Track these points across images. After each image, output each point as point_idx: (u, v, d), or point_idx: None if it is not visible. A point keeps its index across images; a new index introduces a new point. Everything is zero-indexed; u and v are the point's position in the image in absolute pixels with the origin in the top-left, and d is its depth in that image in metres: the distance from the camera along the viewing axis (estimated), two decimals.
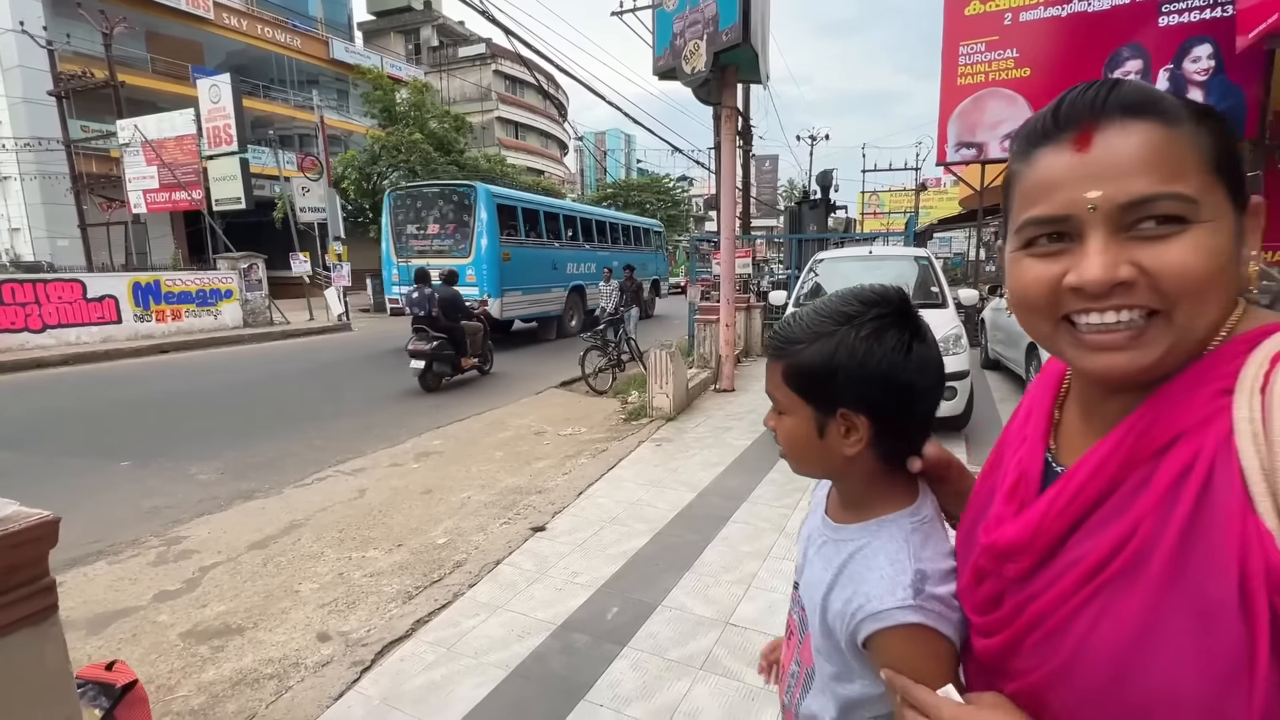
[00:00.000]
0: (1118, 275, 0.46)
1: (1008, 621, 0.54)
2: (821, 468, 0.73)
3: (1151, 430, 0.48)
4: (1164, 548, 0.44)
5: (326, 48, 27.58)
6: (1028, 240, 0.51)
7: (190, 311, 13.12)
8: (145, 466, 4.76)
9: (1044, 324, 0.52)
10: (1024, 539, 0.53)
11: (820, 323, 0.67)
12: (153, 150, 15.62)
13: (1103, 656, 0.46)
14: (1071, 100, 0.49)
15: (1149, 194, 0.45)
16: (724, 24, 5.90)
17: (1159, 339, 0.47)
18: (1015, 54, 8.95)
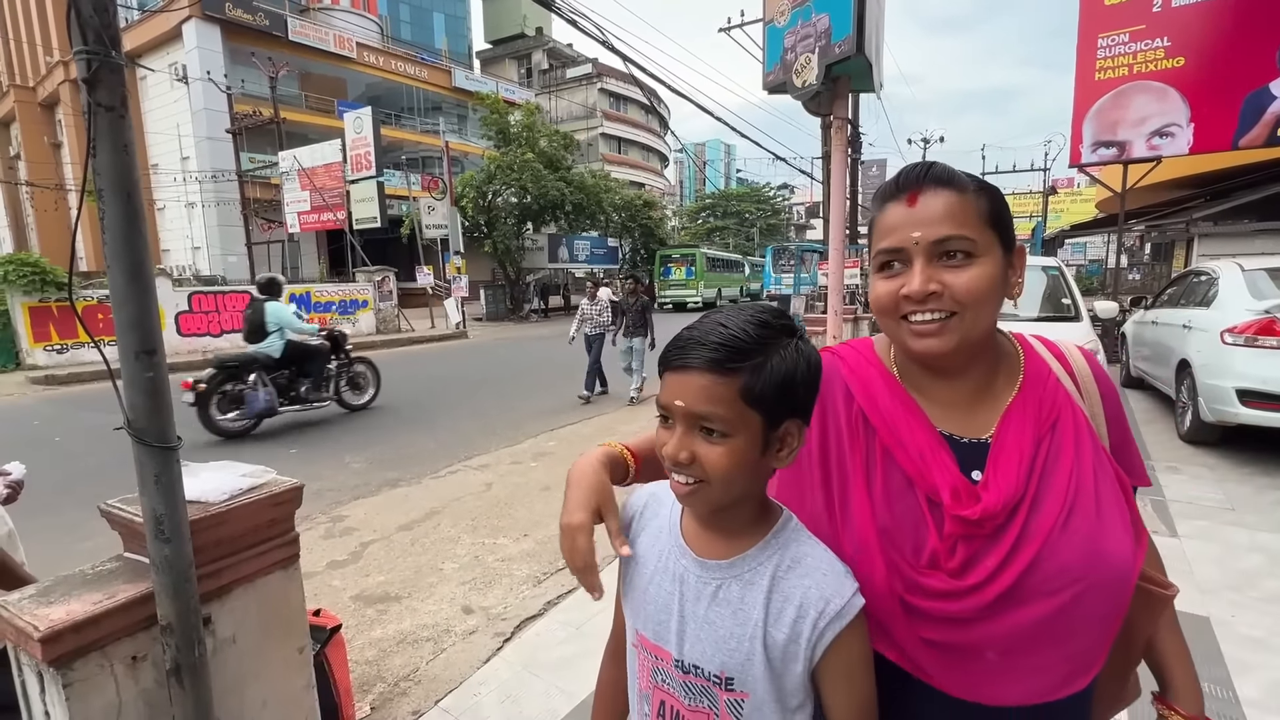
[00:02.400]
0: (929, 288, 0.69)
1: (997, 573, 0.67)
2: (745, 490, 0.68)
3: (1040, 414, 0.74)
4: (1088, 477, 0.71)
5: (449, 76, 29.94)
6: (881, 265, 0.74)
7: (333, 319, 14.70)
8: (310, 454, 5.48)
9: (891, 321, 0.74)
10: (1000, 504, 0.68)
11: (762, 333, 0.64)
12: (306, 177, 17.69)
13: (1091, 545, 0.68)
14: (904, 174, 0.73)
15: (947, 235, 0.69)
16: (837, 36, 5.87)
17: (955, 332, 0.70)
18: (1166, 43, 8.14)
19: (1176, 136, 8.17)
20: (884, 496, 0.72)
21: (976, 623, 0.67)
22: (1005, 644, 0.68)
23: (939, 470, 0.71)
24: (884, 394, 0.77)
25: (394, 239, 20.89)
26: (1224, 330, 4.39)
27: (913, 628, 0.70)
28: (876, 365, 0.81)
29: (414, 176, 24.25)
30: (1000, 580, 0.67)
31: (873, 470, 0.74)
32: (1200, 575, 2.87)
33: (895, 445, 0.74)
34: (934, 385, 0.77)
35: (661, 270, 28.44)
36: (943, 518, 0.69)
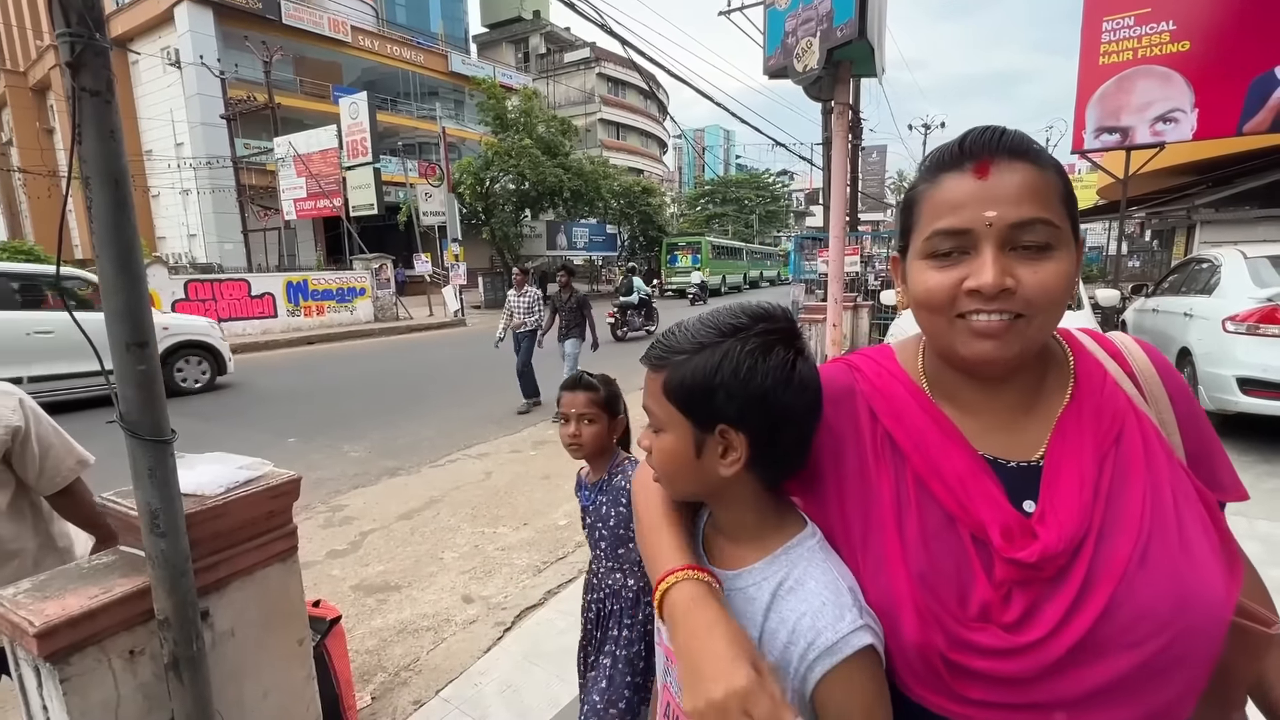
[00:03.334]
0: (1004, 283, 0.57)
1: (1064, 624, 0.56)
2: (699, 488, 0.67)
3: (1100, 427, 0.63)
4: (1166, 499, 0.59)
5: (446, 61, 29.60)
6: (931, 251, 0.61)
7: (331, 307, 14.65)
8: (308, 443, 5.48)
9: (942, 319, 0.62)
10: (1063, 542, 0.57)
11: (705, 333, 0.63)
12: (302, 163, 17.54)
13: (1175, 582, 0.56)
14: (973, 139, 0.61)
15: (1031, 217, 0.57)
16: (839, 20, 5.79)
17: (1020, 337, 0.59)
18: (1172, 26, 8.03)
19: (1180, 122, 8.09)
20: (918, 537, 0.62)
21: (1039, 682, 0.57)
22: (1076, 703, 0.57)
23: (984, 503, 0.60)
24: (914, 412, 0.67)
25: (391, 226, 20.78)
26: (1225, 318, 4.37)
27: (953, 686, 0.59)
28: (901, 378, 0.70)
29: (411, 163, 24.02)
30: (1068, 633, 0.56)
31: (905, 505, 0.63)
32: None
33: (930, 474, 0.63)
34: (972, 399, 0.66)
35: (668, 258, 28.45)
36: (992, 560, 0.59)
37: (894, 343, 0.76)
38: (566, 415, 1.59)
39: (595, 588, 1.63)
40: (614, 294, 22.33)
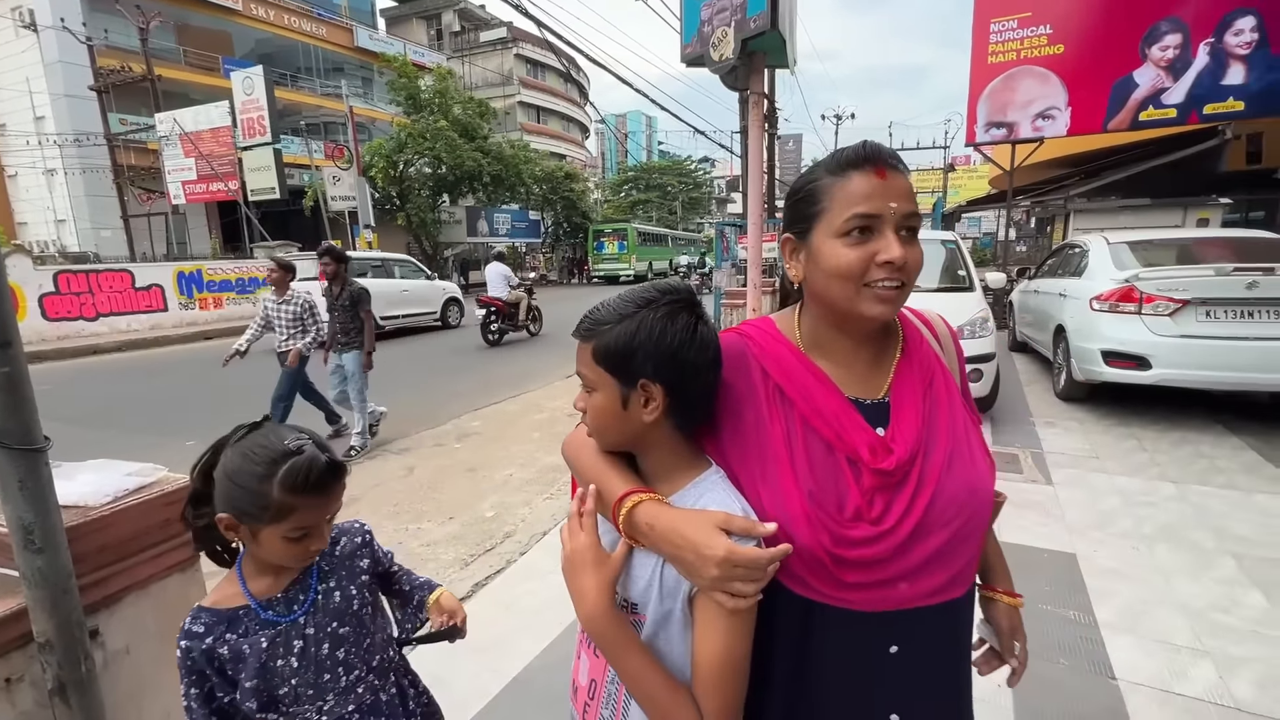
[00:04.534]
0: (903, 257, 0.75)
1: (906, 515, 0.76)
2: (625, 437, 0.79)
3: (922, 375, 0.84)
4: (960, 424, 0.83)
5: (351, 35, 27.86)
6: (845, 231, 0.76)
7: (231, 299, 13.62)
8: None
9: (852, 286, 0.77)
10: (909, 454, 0.78)
11: (624, 306, 0.77)
12: (190, 142, 16.09)
13: (969, 481, 0.80)
14: (871, 149, 0.78)
15: (913, 210, 0.78)
16: (752, 11, 5.92)
17: (902, 300, 0.79)
18: (1049, 30, 8.77)
19: (1056, 119, 8.88)
20: (806, 464, 0.78)
21: (892, 561, 0.76)
22: (913, 572, 0.77)
23: (855, 431, 0.78)
24: (796, 367, 0.83)
25: (297, 212, 19.49)
26: (1092, 298, 4.88)
27: (836, 574, 0.76)
28: (784, 342, 0.86)
29: (316, 144, 22.52)
30: (910, 519, 0.76)
31: (794, 441, 0.79)
32: (1070, 517, 3.23)
33: (813, 415, 0.80)
34: (837, 355, 0.84)
35: (594, 244, 28.33)
36: (861, 474, 0.77)
37: (774, 315, 0.91)
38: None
39: None
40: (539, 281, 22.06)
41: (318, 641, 1.02)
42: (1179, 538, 2.98)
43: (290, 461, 0.94)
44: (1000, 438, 4.56)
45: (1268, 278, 4.20)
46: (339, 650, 1.04)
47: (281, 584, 1.02)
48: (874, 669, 0.79)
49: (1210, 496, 3.42)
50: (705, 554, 0.68)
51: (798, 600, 0.79)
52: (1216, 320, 4.35)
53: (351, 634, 1.06)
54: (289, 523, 0.94)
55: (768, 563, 0.69)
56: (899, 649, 0.79)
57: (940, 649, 0.82)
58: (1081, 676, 2.08)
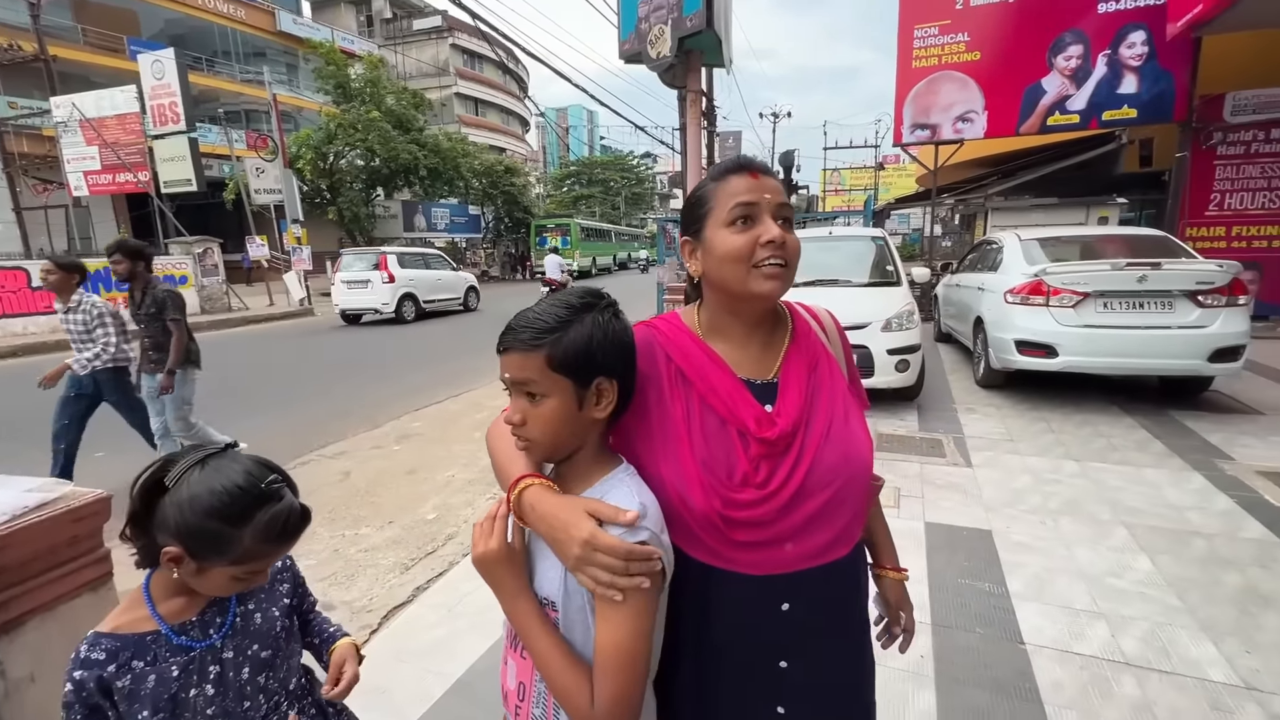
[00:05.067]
0: (785, 236, 0.87)
1: (788, 479, 0.86)
2: (574, 441, 0.82)
3: (808, 359, 0.95)
4: (839, 402, 0.94)
5: (273, 19, 26.39)
6: (731, 220, 0.87)
7: None
8: (121, 456, 4.76)
9: (743, 267, 0.87)
10: (790, 426, 0.88)
11: (563, 312, 0.80)
12: (93, 129, 14.88)
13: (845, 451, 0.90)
14: (745, 160, 0.92)
15: (785, 202, 0.90)
16: (688, 10, 6.01)
17: (787, 279, 0.89)
18: (966, 38, 9.27)
19: (974, 122, 9.41)
20: (702, 436, 0.88)
21: (777, 522, 0.86)
22: (796, 532, 0.87)
23: (744, 407, 0.89)
24: (695, 352, 0.93)
25: (217, 205, 18.36)
26: (1006, 291, 5.22)
27: (728, 535, 0.86)
28: (686, 331, 0.97)
29: (238, 133, 21.23)
30: (792, 483, 0.86)
31: (692, 417, 0.89)
32: (986, 496, 3.46)
33: (709, 393, 0.90)
34: (732, 341, 0.95)
35: (537, 240, 27.97)
36: (749, 444, 0.87)
37: (680, 310, 1.02)
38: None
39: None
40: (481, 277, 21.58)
41: (237, 666, 0.95)
42: (1080, 511, 3.25)
43: (269, 510, 0.89)
44: (926, 424, 4.83)
45: (1155, 272, 4.60)
46: (260, 675, 0.99)
47: (196, 606, 0.95)
48: (768, 626, 0.89)
49: (1106, 472, 3.74)
50: (571, 534, 0.74)
51: (697, 566, 0.88)
52: (1112, 311, 4.74)
53: (273, 657, 1.01)
54: (247, 566, 0.90)
55: (625, 552, 0.72)
56: (790, 606, 0.88)
57: (827, 606, 0.92)
58: (995, 643, 2.25)
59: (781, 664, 0.90)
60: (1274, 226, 8.50)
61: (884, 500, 3.28)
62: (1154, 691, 1.98)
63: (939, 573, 2.71)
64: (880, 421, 4.88)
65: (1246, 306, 4.63)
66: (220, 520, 0.86)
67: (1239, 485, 3.48)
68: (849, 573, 0.95)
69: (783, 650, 0.90)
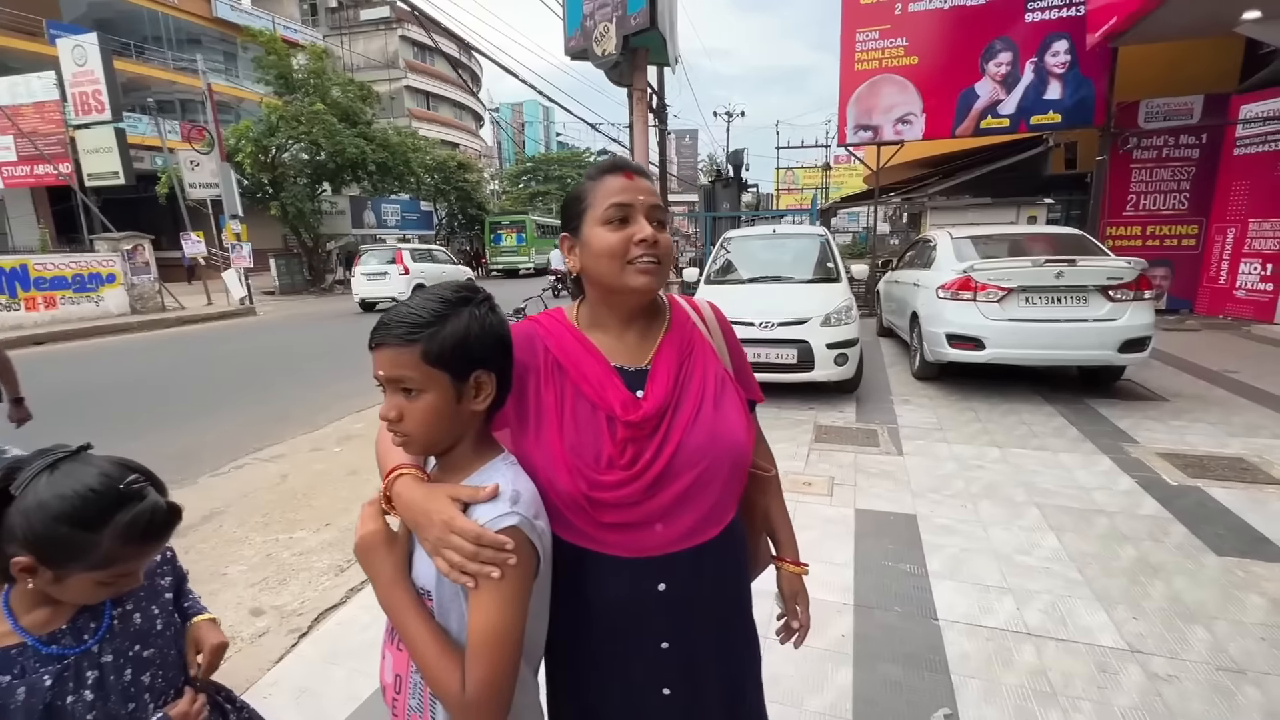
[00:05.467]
0: (658, 235, 0.93)
1: (653, 461, 0.90)
2: (453, 434, 0.83)
3: (681, 347, 1.00)
4: (711, 387, 0.98)
5: (208, 4, 25.22)
6: (607, 219, 0.93)
7: (67, 298, 12.01)
8: None
9: (618, 263, 0.92)
10: (655, 409, 0.92)
11: (439, 306, 0.80)
12: (7, 118, 13.94)
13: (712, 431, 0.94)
14: (620, 161, 0.99)
15: (658, 204, 0.96)
16: (632, 8, 6.05)
17: (661, 275, 0.95)
18: (905, 42, 9.61)
19: (913, 124, 9.77)
20: (573, 422, 0.92)
21: (644, 503, 0.90)
22: (665, 513, 0.91)
23: (611, 391, 0.93)
24: (571, 343, 0.98)
25: (149, 199, 17.45)
26: (938, 286, 5.46)
27: (595, 516, 0.90)
28: (565, 324, 1.02)
29: (171, 124, 20.18)
30: (657, 465, 0.90)
31: (564, 404, 0.94)
32: (915, 483, 3.63)
33: (580, 380, 0.94)
34: (609, 331, 1.00)
35: (492, 237, 27.61)
36: (615, 428, 0.91)
37: (565, 306, 1.07)
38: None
39: None
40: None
41: (118, 669, 0.93)
42: (998, 494, 3.45)
43: (130, 510, 0.86)
44: (863, 415, 5.01)
45: (1070, 268, 4.90)
46: (144, 675, 0.96)
47: (65, 614, 0.91)
48: (645, 607, 0.93)
49: (1025, 457, 3.97)
50: (431, 517, 0.77)
51: (568, 548, 0.92)
52: (1034, 305, 5.01)
53: (157, 655, 0.99)
54: (111, 570, 0.87)
55: (474, 535, 0.74)
56: (666, 587, 0.93)
57: (703, 586, 0.95)
58: (911, 620, 2.37)
59: (663, 645, 0.94)
60: (1184, 226, 9.13)
61: (819, 490, 3.44)
62: (1050, 658, 2.13)
63: (865, 556, 2.84)
64: (820, 414, 5.04)
65: (1152, 301, 4.97)
66: (72, 525, 0.82)
67: (1140, 466, 3.75)
68: (724, 556, 0.98)
69: (663, 632, 0.94)
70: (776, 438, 4.48)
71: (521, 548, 0.78)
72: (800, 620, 1.15)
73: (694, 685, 0.96)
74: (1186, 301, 9.23)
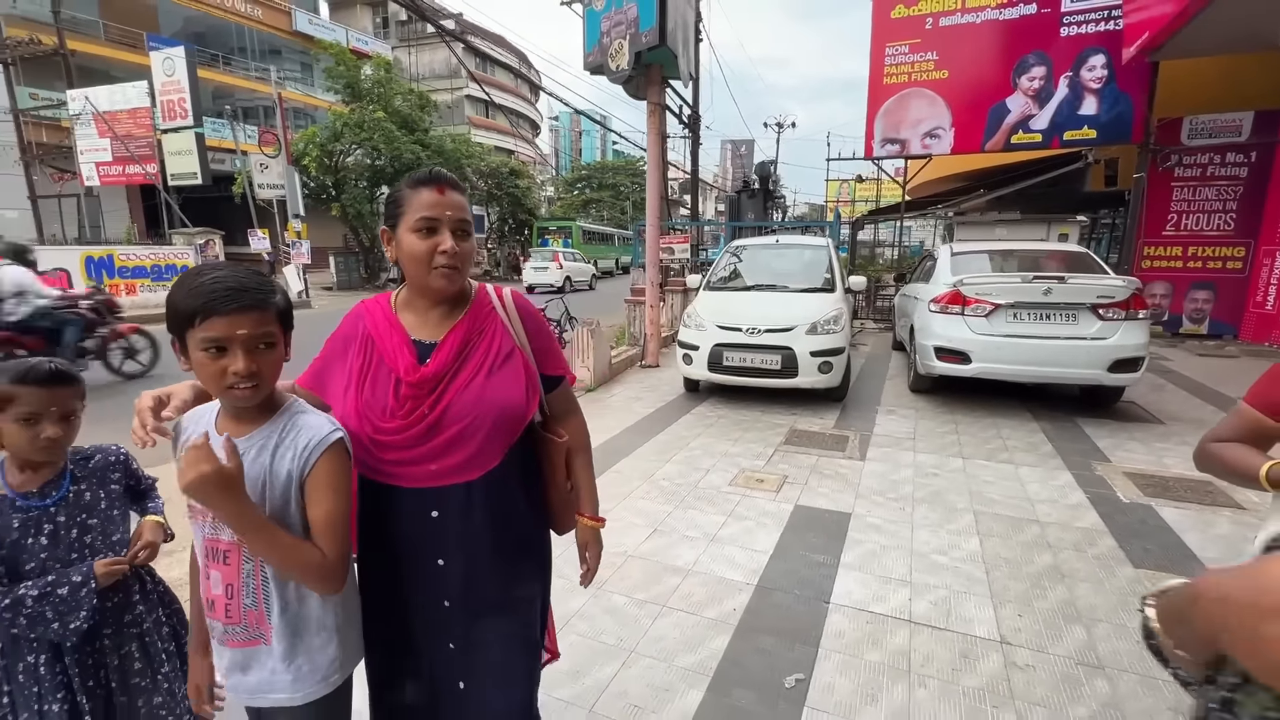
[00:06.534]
0: (456, 248, 1.14)
1: (430, 412, 1.13)
2: (277, 377, 1.07)
3: (475, 327, 1.21)
4: (493, 359, 1.20)
5: (290, 19, 27.06)
6: (417, 228, 1.13)
7: (145, 286, 13.22)
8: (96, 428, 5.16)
9: (424, 267, 1.14)
10: (435, 372, 1.15)
11: (259, 280, 1.03)
12: (104, 122, 15.47)
13: (481, 395, 1.16)
14: (434, 172, 1.16)
15: (465, 218, 1.17)
16: (644, 26, 6.35)
17: (460, 278, 1.18)
18: (935, 56, 9.55)
19: (942, 138, 9.68)
20: (371, 384, 1.17)
21: (418, 445, 1.14)
22: (436, 455, 1.15)
23: (401, 358, 1.17)
24: (382, 320, 1.22)
25: (225, 198, 18.90)
26: (930, 300, 5.50)
27: (381, 454, 1.15)
28: (383, 306, 1.25)
29: (250, 129, 21.81)
30: (430, 417, 1.14)
31: (368, 368, 1.18)
32: (863, 486, 3.75)
33: (383, 348, 1.19)
34: (417, 312, 1.23)
35: (539, 240, 28.48)
36: (400, 387, 1.15)
37: (392, 291, 1.27)
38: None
39: None
40: (483, 276, 22.21)
41: (67, 528, 1.30)
42: (940, 500, 3.53)
43: (17, 363, 1.27)
44: (842, 422, 5.11)
45: (1060, 285, 4.87)
46: (86, 536, 1.33)
47: (38, 480, 1.29)
48: (423, 530, 1.17)
49: (985, 469, 4.02)
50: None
51: (369, 484, 1.18)
52: (1021, 321, 5.00)
53: (99, 526, 1.35)
54: (14, 409, 1.23)
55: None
56: (438, 514, 1.17)
57: (471, 515, 1.18)
58: (804, 602, 2.54)
59: (439, 562, 1.17)
60: (1229, 248, 8.71)
61: (768, 486, 3.65)
62: (919, 642, 2.27)
63: (785, 546, 3.01)
64: (800, 419, 5.17)
65: (1146, 321, 4.88)
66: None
67: (1099, 483, 3.75)
68: (491, 494, 1.19)
69: (438, 551, 1.17)
70: (749, 439, 4.65)
71: (342, 453, 1.08)
72: (588, 565, 1.39)
73: (470, 597, 1.19)
74: (1231, 327, 8.78)
